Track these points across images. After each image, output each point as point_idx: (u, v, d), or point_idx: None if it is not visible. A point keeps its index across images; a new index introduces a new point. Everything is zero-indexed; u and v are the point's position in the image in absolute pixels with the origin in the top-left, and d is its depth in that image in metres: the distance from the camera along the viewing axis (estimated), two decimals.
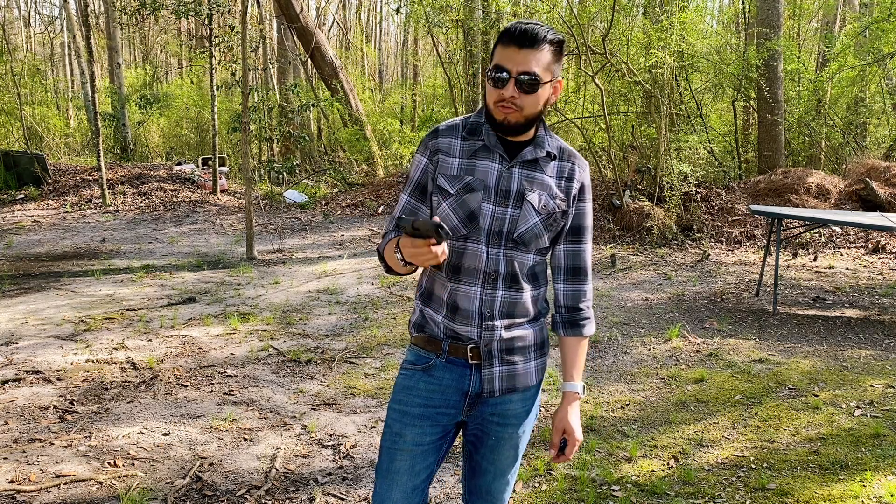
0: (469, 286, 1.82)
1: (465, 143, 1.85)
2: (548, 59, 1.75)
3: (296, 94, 15.41)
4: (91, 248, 9.01)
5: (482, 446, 1.94)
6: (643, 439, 3.74)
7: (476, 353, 1.84)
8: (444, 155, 1.84)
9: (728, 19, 17.60)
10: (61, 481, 3.26)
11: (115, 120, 16.61)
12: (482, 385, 1.85)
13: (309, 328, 5.73)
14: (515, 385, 1.89)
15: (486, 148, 1.84)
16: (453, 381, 1.86)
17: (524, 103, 1.75)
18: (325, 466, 3.46)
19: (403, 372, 1.93)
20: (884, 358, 4.95)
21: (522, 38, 1.73)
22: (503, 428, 1.92)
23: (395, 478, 1.87)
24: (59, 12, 27.52)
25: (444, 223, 1.79)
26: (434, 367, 1.87)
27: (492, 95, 1.78)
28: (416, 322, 1.94)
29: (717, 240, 9.17)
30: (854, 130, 12.33)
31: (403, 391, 1.90)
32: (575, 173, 1.89)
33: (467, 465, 2.01)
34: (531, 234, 1.83)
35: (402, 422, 1.87)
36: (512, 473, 2.00)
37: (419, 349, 1.91)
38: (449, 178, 1.83)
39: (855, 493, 3.16)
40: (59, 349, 5.12)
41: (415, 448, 1.86)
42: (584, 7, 11.66)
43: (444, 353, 1.86)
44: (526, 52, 1.73)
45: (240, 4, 13.01)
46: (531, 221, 1.82)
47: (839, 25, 14.93)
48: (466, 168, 1.83)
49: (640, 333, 5.59)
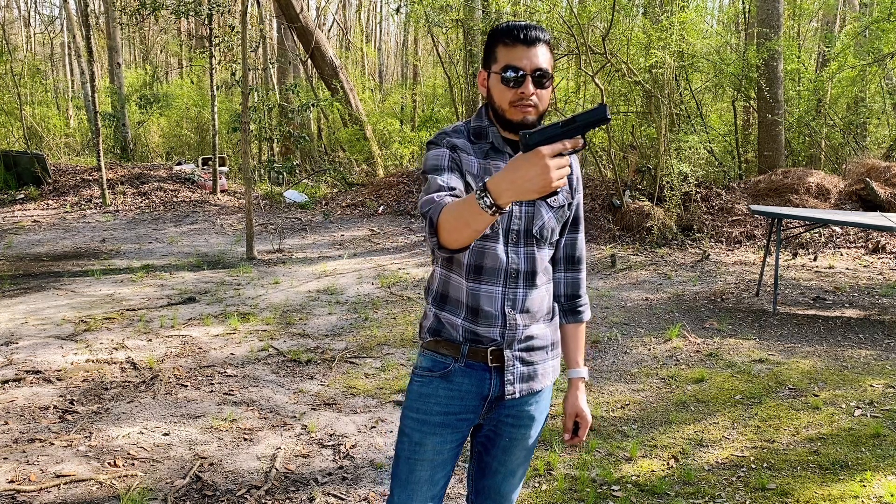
0: (491, 286, 1.81)
1: (475, 146, 1.84)
2: (549, 56, 1.79)
3: (296, 94, 15.41)
4: (91, 248, 9.01)
5: (494, 447, 1.94)
6: (643, 439, 3.74)
7: (496, 356, 1.83)
8: (463, 153, 1.82)
9: (728, 19, 17.60)
10: (61, 481, 3.26)
11: (115, 120, 16.60)
12: (502, 388, 1.84)
13: (309, 328, 5.73)
14: (533, 386, 1.89)
15: (495, 150, 1.84)
16: (473, 385, 1.84)
17: (539, 100, 1.77)
18: (325, 466, 3.46)
19: (418, 379, 1.89)
20: (884, 358, 4.95)
21: (528, 36, 1.75)
22: (516, 429, 1.92)
23: (415, 488, 1.86)
24: (59, 12, 27.53)
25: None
26: (453, 372, 1.84)
27: (506, 96, 1.77)
28: (430, 327, 1.89)
29: (717, 240, 9.16)
30: (854, 130, 12.33)
31: (420, 399, 1.86)
32: (573, 165, 1.92)
33: (475, 466, 1.99)
34: (548, 228, 1.85)
35: (421, 431, 1.85)
36: (521, 474, 2.00)
37: (435, 354, 1.87)
38: (472, 176, 1.81)
39: (855, 493, 3.16)
40: (59, 349, 5.12)
41: (435, 457, 1.85)
42: (584, 7, 11.66)
43: (462, 358, 1.83)
44: (534, 49, 1.75)
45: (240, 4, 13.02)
46: (545, 216, 1.84)
47: (839, 25, 14.93)
48: (484, 167, 1.82)
49: (640, 333, 5.59)
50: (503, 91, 1.77)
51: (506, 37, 1.77)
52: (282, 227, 10.38)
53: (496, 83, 1.79)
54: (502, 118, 1.80)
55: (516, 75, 1.75)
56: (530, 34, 1.75)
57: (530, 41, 1.75)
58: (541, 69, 1.76)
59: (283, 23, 15.12)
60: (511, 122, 1.79)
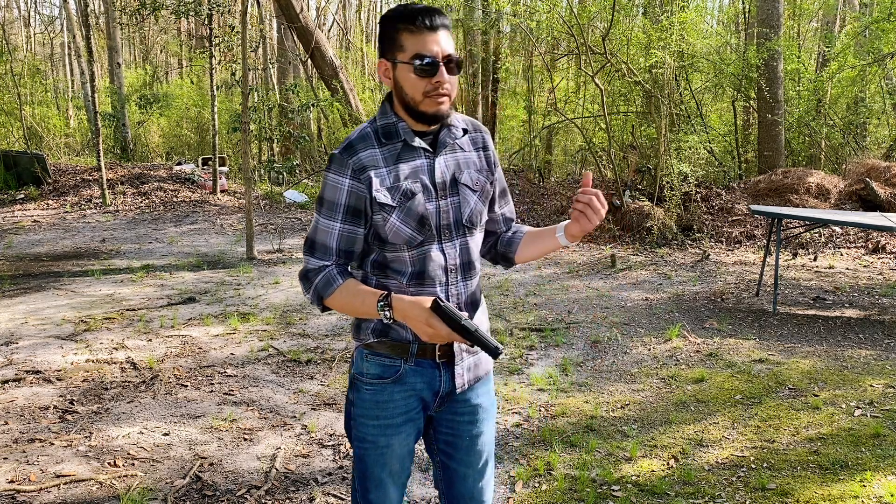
0: (433, 287, 1.78)
1: (385, 150, 1.74)
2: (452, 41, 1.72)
3: (296, 94, 15.40)
4: (91, 248, 9.01)
5: (457, 451, 1.91)
6: (643, 439, 3.74)
7: (444, 351, 1.81)
8: (373, 169, 1.72)
9: (728, 19, 17.60)
10: (61, 481, 3.26)
11: (115, 120, 16.60)
12: (452, 382, 1.84)
13: (309, 328, 5.73)
14: (478, 374, 1.90)
15: (407, 147, 1.75)
16: (424, 383, 1.83)
17: (452, 88, 1.70)
18: (325, 466, 3.46)
19: (369, 387, 1.83)
20: (884, 358, 4.95)
21: (433, 22, 1.66)
22: (474, 425, 1.91)
23: (390, 480, 1.87)
24: (59, 12, 27.53)
25: (396, 236, 1.74)
26: (404, 374, 1.81)
27: (419, 86, 1.67)
28: (374, 328, 1.81)
29: (717, 240, 9.16)
30: (854, 130, 12.33)
31: (378, 406, 1.82)
32: (486, 140, 1.89)
33: (442, 478, 1.95)
34: (476, 213, 1.83)
35: (386, 434, 1.83)
36: (490, 473, 1.97)
37: (383, 358, 1.81)
38: (385, 191, 1.72)
39: (855, 493, 3.16)
40: (59, 349, 5.12)
41: (402, 450, 1.86)
42: (584, 7, 11.67)
43: (412, 357, 1.80)
44: (439, 35, 1.67)
45: (240, 4, 13.01)
46: (472, 202, 1.82)
47: (839, 25, 14.93)
48: (397, 174, 1.73)
49: (640, 333, 5.59)
50: (416, 82, 1.67)
51: (409, 23, 1.66)
52: (282, 227, 10.38)
53: (406, 74, 1.68)
54: (415, 110, 1.71)
55: (430, 64, 1.66)
56: (434, 19, 1.66)
57: (435, 26, 1.66)
58: (450, 55, 1.68)
59: (283, 23, 15.11)
60: (425, 115, 1.71)
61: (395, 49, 1.69)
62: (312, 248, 1.79)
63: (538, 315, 6.10)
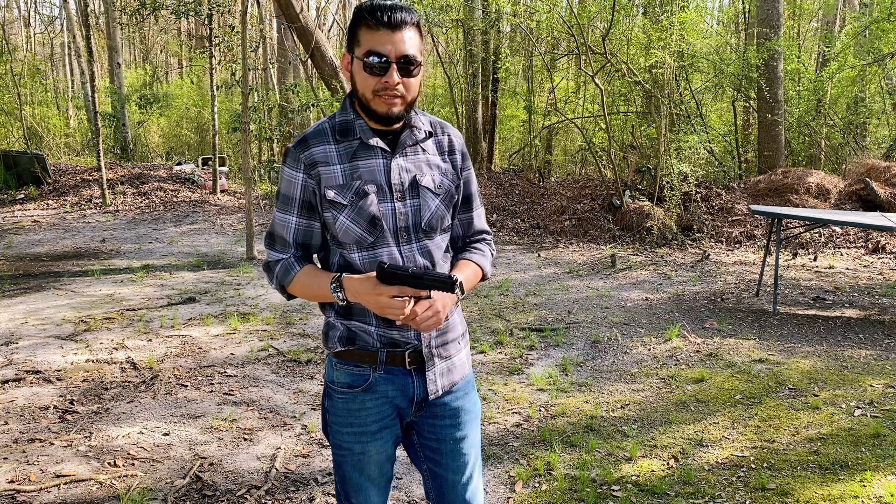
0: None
1: (341, 147, 1.71)
2: (418, 40, 1.67)
3: (296, 94, 15.39)
4: (91, 248, 9.01)
5: (443, 456, 1.88)
6: (643, 439, 3.74)
7: (414, 357, 1.77)
8: (323, 166, 1.69)
9: (728, 19, 17.60)
10: (61, 481, 3.26)
11: (115, 120, 16.60)
12: (425, 388, 1.79)
13: (309, 328, 5.72)
14: (454, 378, 1.85)
15: (364, 145, 1.71)
16: (396, 391, 1.79)
17: (407, 90, 1.65)
18: (325, 466, 3.46)
19: (341, 396, 1.80)
20: (884, 358, 4.95)
21: (392, 18, 1.61)
22: (457, 428, 1.86)
23: (370, 484, 1.85)
24: (59, 12, 27.54)
25: (346, 235, 1.71)
26: (374, 383, 1.77)
27: (369, 84, 1.63)
28: (341, 336, 1.78)
29: (717, 240, 9.17)
30: (854, 130, 12.33)
31: (351, 414, 1.79)
32: (454, 144, 1.83)
33: (432, 486, 1.92)
34: (437, 217, 1.76)
35: (361, 441, 1.80)
36: (479, 476, 1.94)
37: (351, 368, 1.78)
38: (337, 188, 1.69)
39: (855, 493, 3.16)
40: (59, 349, 5.12)
41: (380, 456, 1.83)
42: (584, 7, 11.67)
43: (381, 365, 1.76)
44: (399, 34, 1.61)
45: (240, 4, 13.01)
46: (433, 205, 1.75)
47: (839, 25, 14.93)
48: (351, 173, 1.70)
49: (640, 333, 5.59)
50: (366, 79, 1.64)
51: (369, 17, 1.61)
52: None
53: (359, 70, 1.64)
54: (367, 108, 1.68)
55: (380, 62, 1.61)
56: (395, 16, 1.60)
57: (395, 24, 1.60)
58: (407, 56, 1.62)
59: (283, 23, 15.10)
60: (376, 114, 1.67)
61: (353, 43, 1.66)
62: (272, 241, 1.81)
63: (538, 315, 6.10)
